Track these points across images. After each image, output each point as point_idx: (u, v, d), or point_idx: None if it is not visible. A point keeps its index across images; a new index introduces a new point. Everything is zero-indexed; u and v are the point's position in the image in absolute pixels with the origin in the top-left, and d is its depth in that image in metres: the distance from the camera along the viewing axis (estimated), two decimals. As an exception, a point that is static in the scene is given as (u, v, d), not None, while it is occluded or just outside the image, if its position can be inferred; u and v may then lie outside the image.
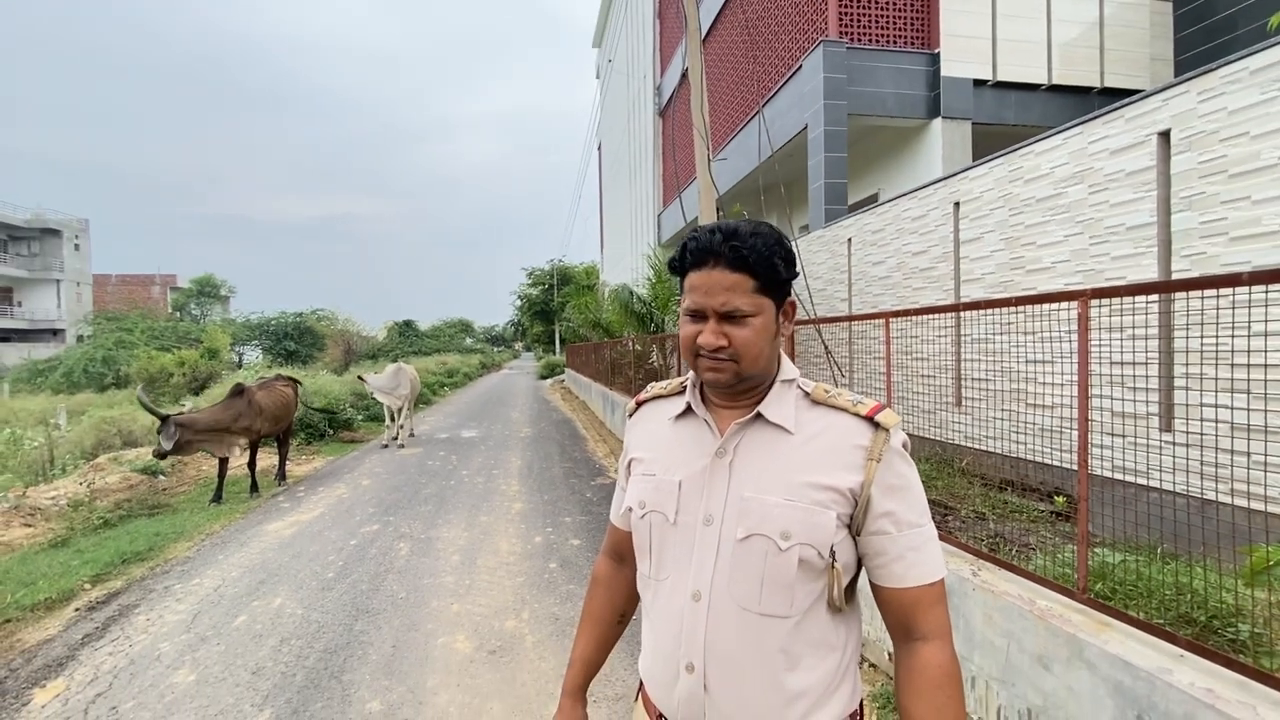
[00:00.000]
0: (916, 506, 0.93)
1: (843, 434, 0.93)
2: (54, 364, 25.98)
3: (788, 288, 0.95)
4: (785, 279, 0.93)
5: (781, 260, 0.92)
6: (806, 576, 0.91)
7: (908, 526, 0.91)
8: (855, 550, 0.94)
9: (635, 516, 1.07)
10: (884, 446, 0.91)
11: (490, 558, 5.08)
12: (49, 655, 3.74)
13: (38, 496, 6.74)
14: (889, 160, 8.74)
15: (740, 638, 0.92)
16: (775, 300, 0.94)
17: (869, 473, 0.90)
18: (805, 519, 0.90)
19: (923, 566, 0.92)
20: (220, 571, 4.97)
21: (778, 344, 0.97)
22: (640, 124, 19.16)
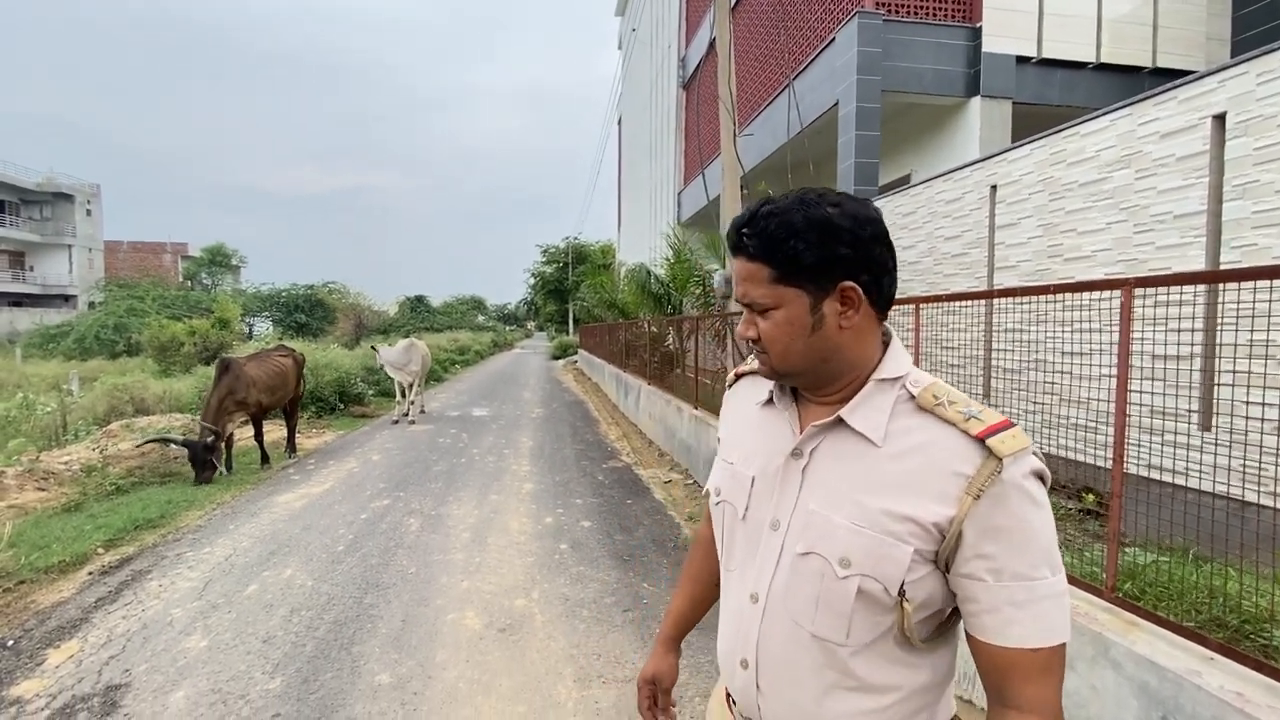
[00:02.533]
0: (1030, 556, 0.75)
1: (942, 455, 0.78)
2: (66, 330, 26.19)
3: (835, 270, 0.80)
4: (811, 264, 0.80)
5: (806, 243, 0.79)
6: (868, 609, 0.81)
7: (1011, 578, 0.75)
8: (945, 587, 0.81)
9: (712, 502, 1.03)
10: (992, 479, 0.75)
11: (500, 536, 5.03)
12: (62, 617, 3.74)
13: (51, 461, 6.76)
14: (922, 140, 8.50)
15: (792, 651, 0.86)
16: (808, 289, 0.81)
17: (962, 508, 0.75)
18: (872, 549, 0.79)
19: (1024, 626, 0.75)
20: (231, 541, 4.95)
21: (813, 341, 0.83)
22: (663, 98, 18.80)
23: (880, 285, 0.82)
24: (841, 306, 0.81)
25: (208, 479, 6.60)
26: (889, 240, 0.83)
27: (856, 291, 0.80)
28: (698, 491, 6.33)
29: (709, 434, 6.21)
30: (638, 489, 6.49)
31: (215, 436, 6.67)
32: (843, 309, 0.81)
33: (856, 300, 0.81)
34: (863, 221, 0.80)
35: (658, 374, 9.85)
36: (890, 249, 0.83)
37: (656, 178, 19.82)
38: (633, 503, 5.97)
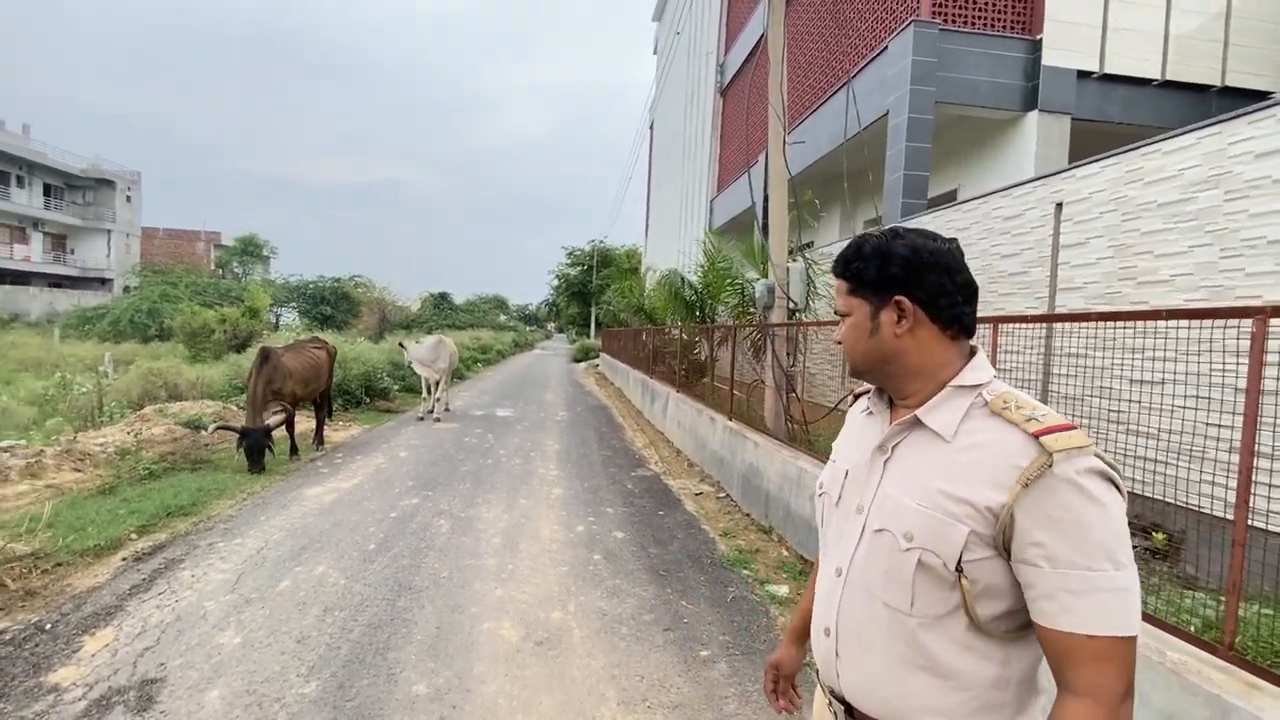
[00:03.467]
0: (1085, 546, 0.82)
1: (1002, 449, 0.89)
2: (102, 312, 26.70)
3: (889, 286, 0.99)
4: (870, 280, 1.01)
5: (865, 262, 1.01)
6: (930, 582, 0.92)
7: (1067, 566, 0.82)
8: (1011, 576, 0.88)
9: (816, 494, 1.20)
10: (1042, 471, 0.84)
11: (532, 543, 4.93)
12: (98, 603, 3.70)
13: (87, 442, 6.80)
14: (972, 154, 8.27)
15: (866, 618, 0.99)
16: (870, 300, 1.02)
17: (1012, 495, 0.85)
18: (931, 526, 0.91)
19: (1079, 614, 0.82)
20: (262, 533, 4.91)
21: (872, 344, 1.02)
22: (698, 103, 18.67)
23: (937, 304, 0.98)
24: (895, 317, 0.99)
25: (261, 466, 6.63)
26: (951, 268, 0.98)
27: (906, 305, 0.98)
28: (731, 506, 6.18)
29: (744, 447, 6.07)
30: (668, 500, 6.35)
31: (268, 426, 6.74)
32: (896, 319, 0.99)
33: (908, 312, 0.98)
34: (919, 250, 0.98)
35: (686, 382, 9.72)
36: (951, 275, 0.97)
37: (688, 184, 19.69)
38: (664, 515, 5.84)
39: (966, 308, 0.99)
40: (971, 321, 1.01)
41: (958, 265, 0.99)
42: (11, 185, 35.98)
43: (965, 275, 1.00)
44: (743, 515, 5.84)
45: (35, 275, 36.86)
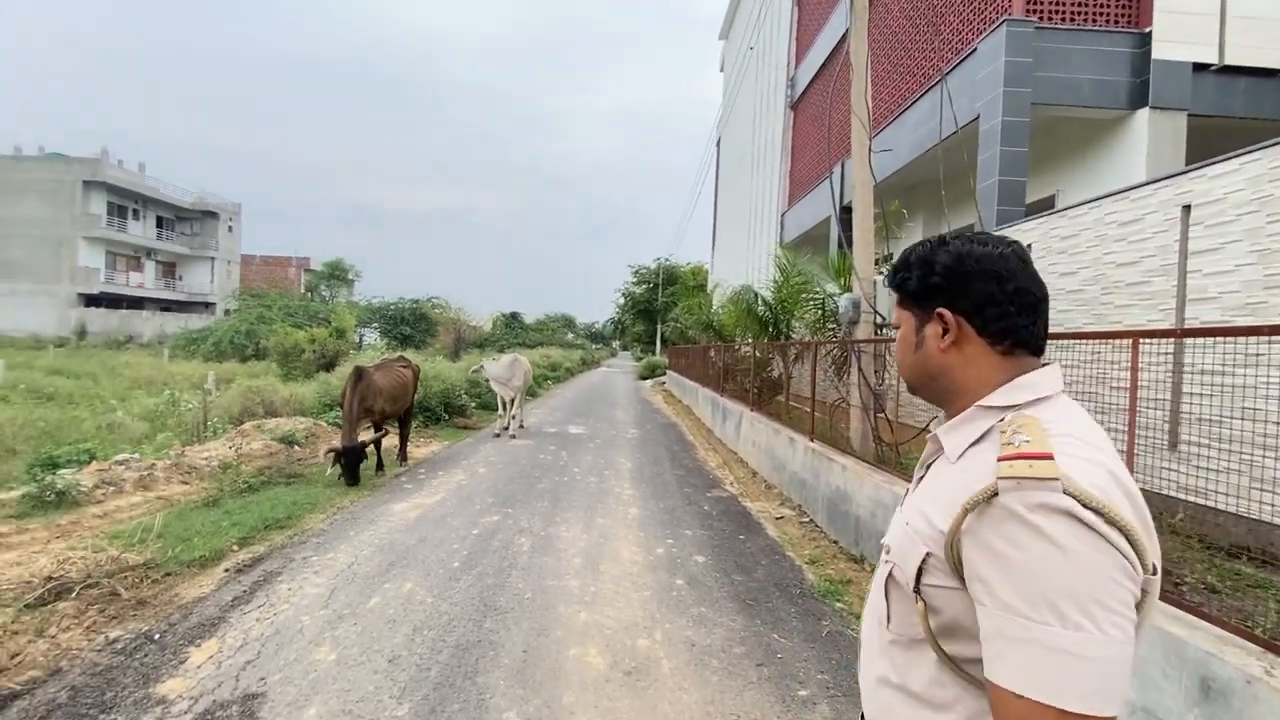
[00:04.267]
0: (1027, 591, 0.71)
1: (977, 472, 0.81)
2: (206, 334, 28.82)
3: (931, 297, 0.93)
4: (914, 291, 0.96)
5: (909, 272, 0.96)
6: (898, 598, 0.90)
7: (1003, 608, 0.72)
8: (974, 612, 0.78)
9: None
10: (987, 498, 0.76)
11: (613, 565, 4.83)
12: (203, 614, 3.85)
13: (193, 456, 7.23)
14: (1071, 158, 7.73)
15: (868, 628, 1.00)
16: (914, 312, 0.97)
17: (957, 520, 0.78)
18: (902, 542, 0.89)
19: (1009, 665, 0.72)
20: (352, 548, 5.03)
21: (918, 358, 0.97)
22: (768, 118, 18.48)
23: (983, 315, 0.89)
24: (940, 330, 0.92)
25: (358, 479, 6.92)
26: (1003, 275, 0.88)
27: (948, 316, 0.91)
28: (814, 531, 5.91)
29: (829, 470, 5.79)
30: (748, 524, 6.14)
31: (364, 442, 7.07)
32: (941, 332, 0.92)
33: (951, 324, 0.91)
34: (964, 257, 0.90)
35: (760, 400, 9.47)
36: (1001, 283, 0.88)
37: (756, 199, 19.47)
38: (745, 539, 5.63)
39: (1022, 319, 0.88)
40: (1032, 335, 0.89)
41: (1011, 272, 0.89)
42: (129, 218, 39.65)
43: (1020, 283, 0.89)
44: (829, 542, 5.56)
45: (148, 300, 40.33)
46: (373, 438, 7.14)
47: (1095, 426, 0.84)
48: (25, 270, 35.37)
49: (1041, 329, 0.90)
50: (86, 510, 5.57)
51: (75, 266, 35.82)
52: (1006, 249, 0.91)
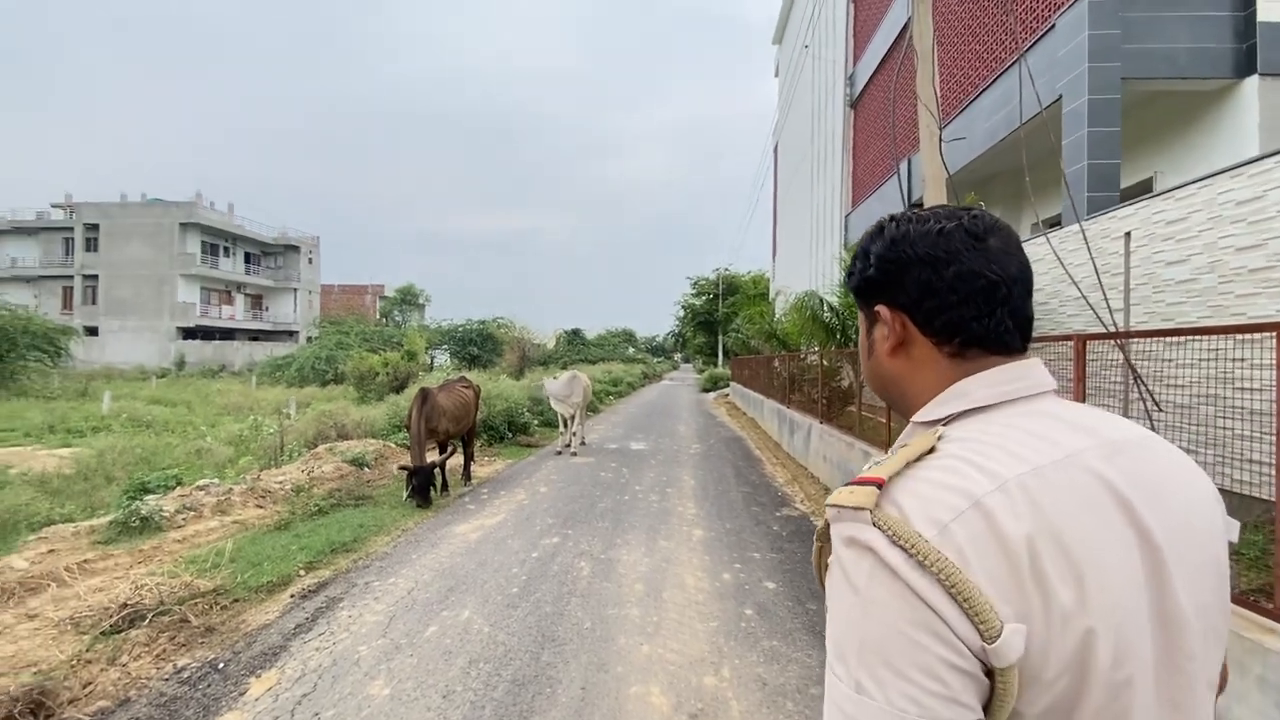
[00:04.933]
0: (831, 634, 0.61)
1: None
2: (289, 361, 30.45)
3: (872, 296, 0.78)
4: (855, 287, 0.82)
5: (852, 265, 0.82)
6: None
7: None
8: None
9: None
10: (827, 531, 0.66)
11: (676, 592, 4.57)
12: (266, 642, 3.84)
13: (269, 480, 7.45)
14: (1168, 136, 7.00)
15: None
16: (864, 312, 0.82)
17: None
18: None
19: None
20: (413, 572, 4.98)
21: (870, 366, 0.82)
22: (827, 119, 17.95)
23: (922, 309, 0.73)
24: (884, 331, 0.77)
25: (429, 502, 6.99)
26: (939, 260, 0.71)
27: (884, 314, 0.77)
28: (896, 552, 5.45)
29: (909, 485, 5.35)
30: (822, 544, 5.74)
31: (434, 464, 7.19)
32: (878, 334, 0.79)
33: (889, 322, 0.76)
34: (898, 241, 0.75)
35: (830, 412, 9.01)
36: (938, 269, 0.71)
37: (818, 203, 18.90)
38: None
39: (967, 310, 0.71)
40: (987, 329, 0.71)
41: (953, 253, 0.71)
42: (220, 255, 42.62)
43: (965, 265, 0.71)
44: (912, 565, 5.11)
45: (238, 331, 43.12)
46: (442, 459, 7.19)
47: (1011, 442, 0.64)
48: (132, 308, 38.55)
49: (1003, 320, 0.71)
50: (168, 535, 5.78)
51: (174, 302, 38.74)
52: (950, 223, 0.73)
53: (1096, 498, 0.61)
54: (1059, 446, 0.64)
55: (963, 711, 0.55)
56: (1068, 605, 0.56)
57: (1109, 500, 0.61)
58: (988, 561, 0.56)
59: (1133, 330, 3.29)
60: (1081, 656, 0.57)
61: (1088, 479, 0.62)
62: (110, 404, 16.64)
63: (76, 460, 9.51)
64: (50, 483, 8.35)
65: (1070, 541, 0.58)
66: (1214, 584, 0.65)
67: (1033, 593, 0.56)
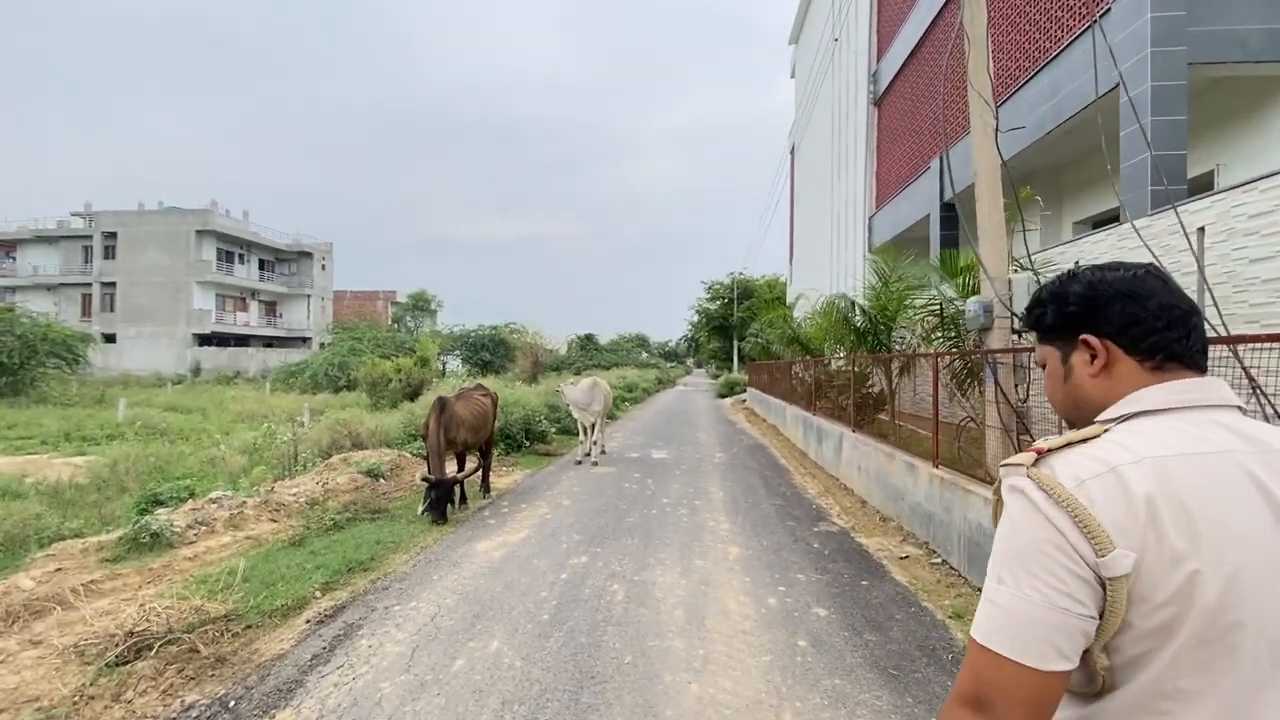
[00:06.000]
0: (992, 553, 0.85)
1: None
2: (302, 367, 30.37)
3: (1072, 328, 0.94)
4: (1052, 324, 0.97)
5: (1043, 308, 0.99)
6: None
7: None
8: None
9: None
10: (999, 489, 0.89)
11: (720, 620, 4.22)
12: (281, 676, 3.54)
13: (282, 492, 7.18)
14: (1235, 125, 6.58)
15: None
16: (1056, 344, 0.98)
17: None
18: None
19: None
20: (436, 596, 4.67)
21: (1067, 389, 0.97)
22: (849, 118, 17.53)
23: (1129, 334, 0.90)
24: (1088, 357, 0.93)
25: (445, 517, 6.67)
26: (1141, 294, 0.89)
27: (1093, 341, 0.92)
28: (951, 575, 5.07)
29: (965, 503, 4.98)
30: (868, 566, 5.37)
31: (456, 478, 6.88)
32: (1089, 359, 0.93)
33: (1099, 349, 0.92)
34: (1096, 284, 0.93)
35: (861, 419, 8.62)
36: (1142, 301, 0.89)
37: (839, 204, 18.47)
38: (870, 586, 4.88)
39: (1171, 333, 0.88)
40: (1186, 349, 0.88)
41: (1151, 290, 0.90)
42: (235, 262, 42.81)
43: (1162, 299, 0.89)
44: (973, 589, 4.73)
45: (253, 337, 43.26)
46: (464, 475, 6.90)
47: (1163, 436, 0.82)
48: (149, 314, 38.78)
49: (1196, 341, 0.89)
50: (179, 552, 5.51)
51: (190, 309, 38.93)
52: (1141, 271, 0.93)
53: (1233, 479, 0.77)
54: (1209, 442, 0.80)
55: (1074, 603, 0.77)
56: (1179, 549, 0.75)
57: (1247, 483, 0.77)
58: (1112, 507, 0.77)
59: (1246, 335, 2.91)
60: (1187, 591, 0.75)
61: (1229, 466, 0.78)
62: (125, 411, 16.54)
63: (90, 469, 9.31)
64: (63, 493, 8.14)
65: (1192, 505, 0.76)
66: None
67: (1148, 534, 0.76)
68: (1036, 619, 0.77)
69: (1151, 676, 0.78)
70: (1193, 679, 0.76)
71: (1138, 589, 0.76)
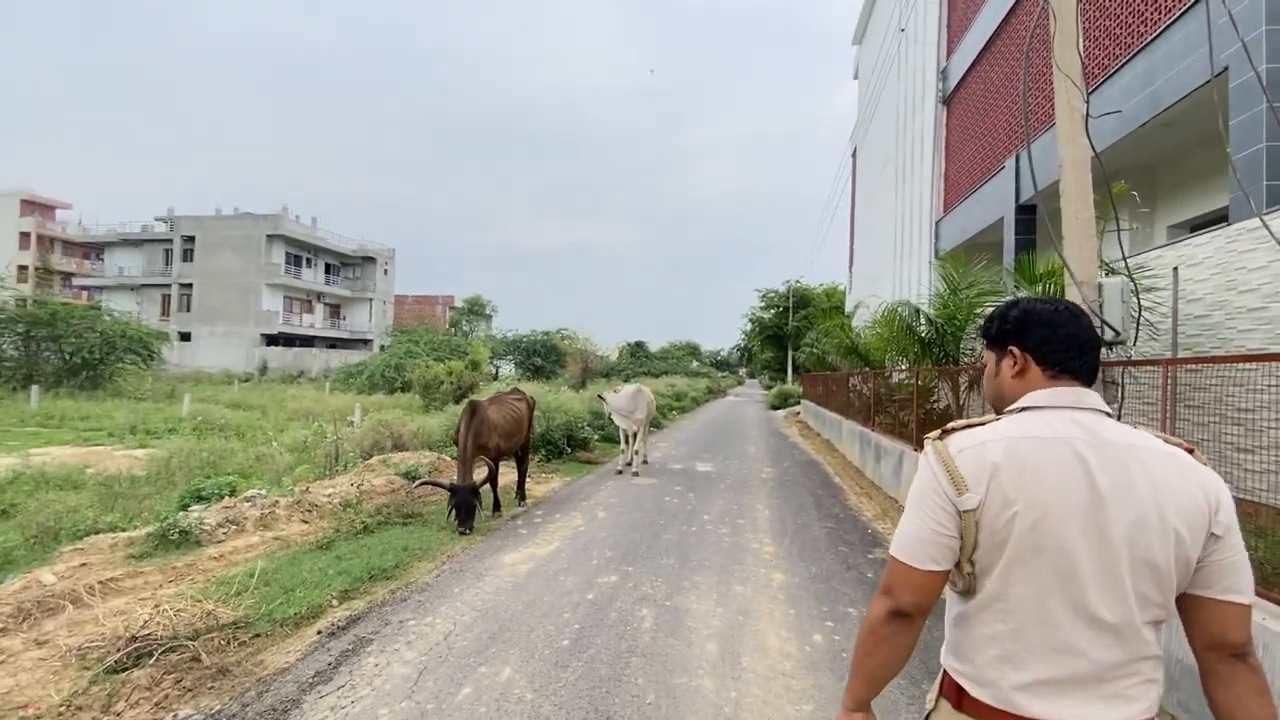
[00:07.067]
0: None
1: None
2: (361, 368, 31.23)
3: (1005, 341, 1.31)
4: (995, 335, 1.35)
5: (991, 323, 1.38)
6: None
7: None
8: None
9: None
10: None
11: (758, 658, 3.77)
12: (279, 694, 3.31)
13: (317, 493, 7.10)
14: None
15: None
16: (996, 351, 1.35)
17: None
18: None
19: None
20: (454, 611, 4.39)
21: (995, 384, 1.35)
22: (915, 118, 16.63)
23: (1040, 351, 1.26)
24: (1011, 362, 1.30)
25: (471, 527, 6.36)
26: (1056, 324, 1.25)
27: (1016, 353, 1.29)
28: (1026, 616, 4.45)
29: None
30: (930, 599, 4.79)
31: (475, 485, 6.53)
32: (1012, 364, 1.30)
33: (1020, 359, 1.28)
34: (1028, 312, 1.30)
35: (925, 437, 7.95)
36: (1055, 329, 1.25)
37: (904, 209, 17.56)
38: (932, 626, 4.31)
39: (1069, 354, 1.23)
40: (1077, 366, 1.23)
41: (1063, 322, 1.25)
42: (303, 266, 44.61)
43: (1069, 329, 1.24)
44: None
45: (317, 339, 44.93)
46: (482, 479, 6.60)
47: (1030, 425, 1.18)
48: (222, 315, 40.81)
49: (1086, 363, 1.24)
50: (205, 551, 5.42)
51: (259, 310, 40.76)
52: (1061, 306, 1.29)
53: (1061, 455, 1.12)
54: (1055, 430, 1.16)
55: (942, 527, 1.16)
56: (1009, 496, 1.12)
57: (1071, 459, 1.12)
58: (972, 466, 1.15)
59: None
60: (1011, 524, 1.11)
61: (1061, 446, 1.13)
62: (190, 406, 17.20)
63: (150, 461, 9.55)
64: (116, 485, 8.32)
65: (1024, 468, 1.12)
66: (1160, 541, 1.08)
67: (991, 485, 1.13)
68: (921, 537, 1.17)
69: (993, 581, 1.14)
70: (1017, 587, 1.12)
71: (983, 520, 1.13)
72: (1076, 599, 1.08)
